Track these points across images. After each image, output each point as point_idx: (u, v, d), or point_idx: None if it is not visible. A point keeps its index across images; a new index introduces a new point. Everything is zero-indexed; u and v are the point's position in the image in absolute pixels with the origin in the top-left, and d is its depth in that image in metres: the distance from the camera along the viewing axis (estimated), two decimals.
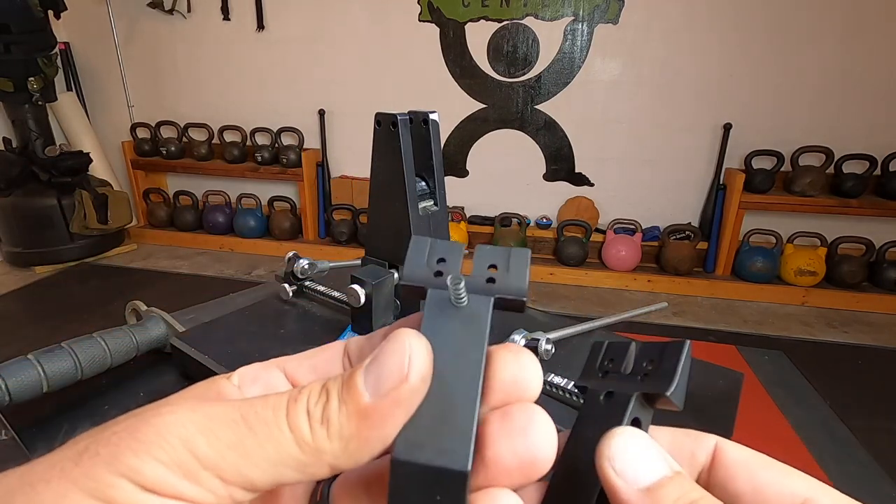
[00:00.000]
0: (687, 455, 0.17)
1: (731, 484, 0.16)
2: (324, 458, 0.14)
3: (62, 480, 0.13)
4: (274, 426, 0.14)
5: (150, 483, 0.13)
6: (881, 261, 2.41)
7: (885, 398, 1.76)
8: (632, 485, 0.15)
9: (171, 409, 0.14)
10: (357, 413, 0.14)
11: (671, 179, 2.71)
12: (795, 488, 0.15)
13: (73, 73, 3.17)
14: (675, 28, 2.46)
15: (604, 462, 0.15)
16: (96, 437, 0.14)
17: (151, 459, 0.13)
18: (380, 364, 0.14)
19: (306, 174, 2.95)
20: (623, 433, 0.15)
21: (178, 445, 0.13)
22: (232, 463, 0.13)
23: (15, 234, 2.69)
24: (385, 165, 0.56)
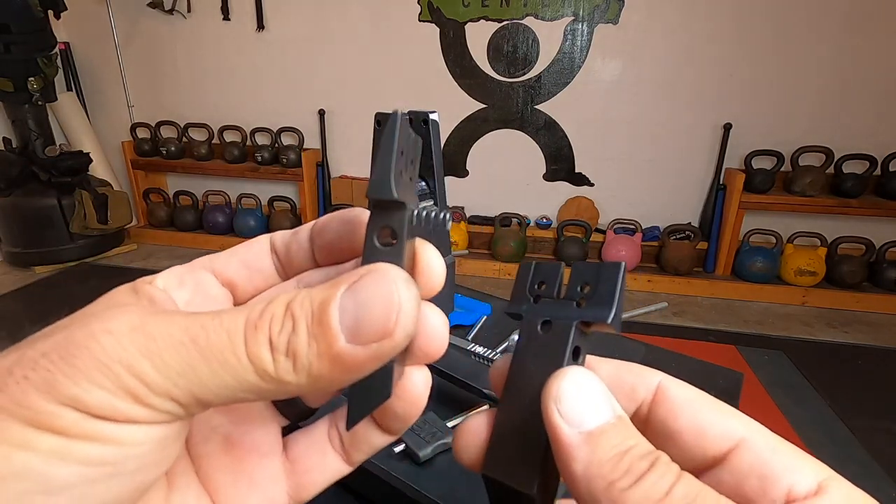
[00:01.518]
0: (627, 389, 0.17)
1: (673, 421, 0.16)
2: (287, 388, 0.13)
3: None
4: (230, 354, 0.13)
5: (96, 410, 0.12)
6: (881, 261, 2.41)
7: (885, 398, 1.76)
8: (575, 428, 0.15)
9: (105, 329, 0.13)
10: (329, 355, 0.13)
11: (671, 179, 2.71)
12: (733, 428, 0.15)
13: (73, 73, 3.17)
14: (675, 28, 2.46)
15: (549, 403, 0.15)
16: (18, 359, 0.12)
17: (93, 387, 0.12)
18: (360, 304, 0.13)
19: (306, 174, 2.95)
20: (571, 375, 0.15)
21: (122, 371, 0.12)
22: (184, 387, 0.13)
23: (15, 234, 2.69)
24: None
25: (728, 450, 0.15)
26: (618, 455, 0.14)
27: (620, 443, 0.14)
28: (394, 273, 0.14)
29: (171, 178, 3.37)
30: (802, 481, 0.14)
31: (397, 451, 0.47)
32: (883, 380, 1.87)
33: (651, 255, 2.72)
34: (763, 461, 0.15)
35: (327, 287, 0.14)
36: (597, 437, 0.14)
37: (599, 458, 0.14)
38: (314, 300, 0.13)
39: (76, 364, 0.12)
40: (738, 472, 0.15)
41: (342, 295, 0.13)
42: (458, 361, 0.55)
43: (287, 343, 0.13)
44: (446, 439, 0.47)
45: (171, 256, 2.97)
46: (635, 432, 0.15)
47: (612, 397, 0.15)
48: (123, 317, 0.13)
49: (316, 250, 0.19)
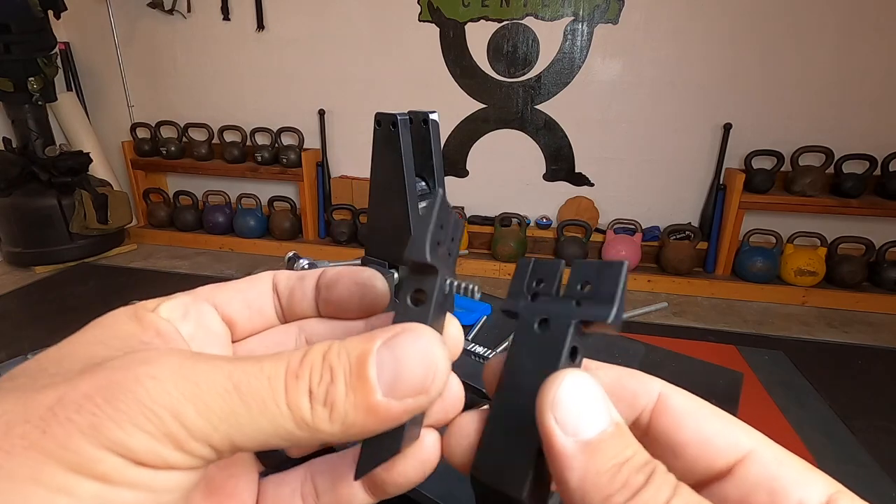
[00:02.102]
0: (628, 396, 0.17)
1: (676, 433, 0.16)
2: (320, 436, 0.14)
3: (30, 452, 0.11)
4: (271, 402, 0.13)
5: (139, 455, 0.12)
6: (881, 261, 2.41)
7: (885, 398, 1.76)
8: (571, 436, 0.14)
9: (150, 374, 0.13)
10: (366, 407, 0.14)
11: (671, 179, 2.71)
12: (739, 440, 0.15)
13: (73, 73, 3.17)
14: (674, 28, 2.46)
15: (545, 409, 0.15)
16: (60, 399, 0.12)
17: (138, 432, 0.12)
18: (398, 360, 0.14)
19: (306, 174, 2.95)
20: (569, 379, 0.15)
21: (167, 416, 0.12)
22: (223, 433, 0.13)
23: (15, 234, 2.69)
24: (385, 165, 0.56)
25: (734, 462, 0.15)
26: (615, 466, 0.14)
27: (618, 453, 0.14)
28: (431, 333, 0.15)
29: (171, 178, 3.37)
30: (812, 496, 0.14)
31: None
32: (883, 380, 1.87)
33: (651, 255, 2.72)
34: (771, 475, 0.14)
35: (363, 340, 0.14)
36: (594, 447, 0.14)
37: (596, 470, 0.14)
38: (351, 353, 0.14)
39: (121, 408, 0.12)
40: (744, 485, 0.15)
41: (378, 349, 0.14)
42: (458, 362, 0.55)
43: (326, 393, 0.13)
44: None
45: (171, 256, 2.97)
46: (632, 441, 0.15)
47: (609, 403, 0.15)
48: (166, 360, 0.13)
49: (321, 303, 0.20)
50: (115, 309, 0.17)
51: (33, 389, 0.13)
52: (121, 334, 0.15)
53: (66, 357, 0.14)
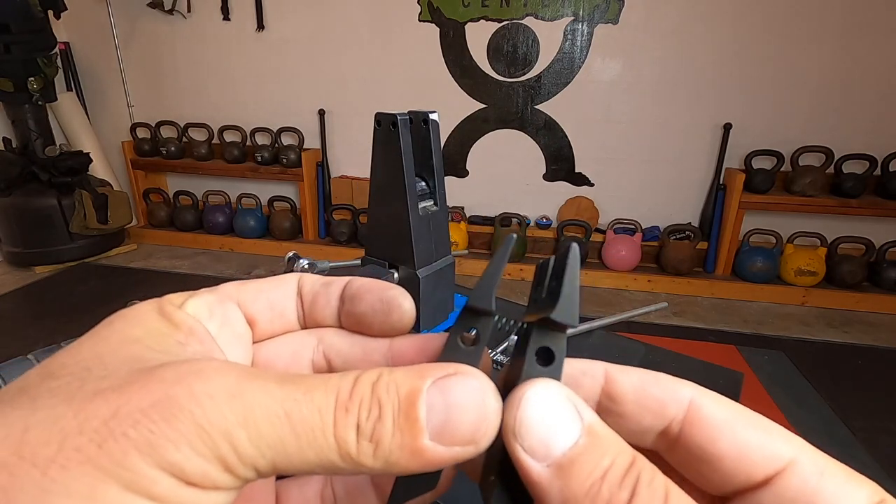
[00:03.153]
0: (655, 406, 0.15)
1: (711, 445, 0.15)
2: (360, 469, 0.13)
3: (86, 467, 0.11)
4: (320, 433, 0.13)
5: (190, 477, 0.12)
6: (881, 261, 2.41)
7: (885, 398, 1.76)
8: (542, 461, 0.13)
9: (207, 393, 0.13)
10: (411, 449, 0.13)
11: (671, 179, 2.71)
12: (780, 450, 0.14)
13: (73, 73, 3.17)
14: (674, 28, 2.46)
15: (509, 438, 0.14)
16: (118, 410, 0.12)
17: (194, 454, 0.12)
18: (450, 406, 0.14)
19: (306, 174, 2.95)
20: (527, 397, 0.14)
21: (220, 439, 0.12)
22: (270, 459, 0.13)
23: (15, 234, 2.69)
24: (385, 165, 0.56)
25: (773, 474, 0.14)
26: (594, 485, 0.13)
27: (594, 468, 0.13)
28: (485, 381, 0.14)
29: (171, 178, 3.37)
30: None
31: None
32: (883, 380, 1.87)
33: (651, 255, 2.72)
34: (811, 488, 0.14)
35: (413, 376, 0.14)
36: (566, 467, 0.13)
37: (574, 493, 0.13)
38: (401, 388, 0.14)
39: (179, 427, 0.12)
40: (782, 498, 0.14)
41: (429, 389, 0.14)
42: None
43: (373, 429, 0.13)
44: None
45: (171, 256, 2.97)
46: (610, 445, 0.14)
47: (577, 406, 0.14)
48: (221, 378, 0.13)
49: (343, 315, 0.19)
50: (114, 309, 0.16)
51: (83, 395, 0.12)
52: (154, 332, 0.15)
53: (107, 356, 0.14)
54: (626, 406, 0.16)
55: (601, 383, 0.16)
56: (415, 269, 0.58)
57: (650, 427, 0.15)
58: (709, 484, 0.14)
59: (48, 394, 0.12)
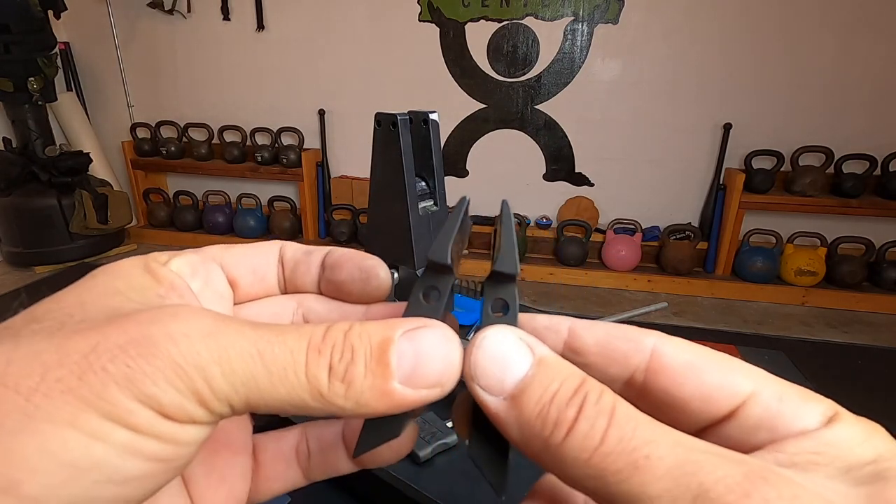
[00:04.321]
0: (619, 357, 0.16)
1: (676, 390, 0.15)
2: (329, 409, 0.14)
3: (67, 396, 0.12)
4: (291, 371, 0.14)
5: (167, 410, 0.13)
6: (881, 261, 2.41)
7: (885, 398, 1.76)
8: (498, 396, 0.15)
9: (183, 332, 0.13)
10: (382, 391, 0.14)
11: (671, 179, 2.71)
12: (740, 384, 0.15)
13: (73, 73, 3.17)
14: (675, 28, 2.46)
15: (469, 381, 0.15)
16: (94, 347, 0.12)
17: (169, 388, 0.13)
18: (419, 353, 0.15)
19: (306, 174, 2.95)
20: (479, 342, 0.15)
21: (195, 375, 0.13)
22: (243, 395, 0.13)
23: (15, 234, 2.69)
24: (385, 165, 0.56)
25: (736, 406, 0.15)
26: (543, 409, 0.14)
27: (543, 393, 0.14)
28: (450, 333, 0.15)
29: (171, 178, 3.37)
30: (811, 421, 0.14)
31: None
32: (883, 380, 1.87)
33: (651, 255, 2.72)
34: (771, 413, 0.15)
35: (384, 327, 0.15)
36: (519, 397, 0.14)
37: (527, 418, 0.14)
38: (373, 337, 0.15)
39: (155, 363, 0.12)
40: (746, 427, 0.15)
41: (399, 339, 0.15)
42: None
43: (345, 371, 0.14)
44: (446, 439, 0.48)
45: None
46: (559, 371, 0.15)
47: (527, 342, 0.15)
48: (196, 319, 0.14)
49: (323, 281, 0.20)
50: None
51: (63, 334, 0.13)
52: (136, 286, 0.16)
53: (88, 304, 0.14)
54: (590, 357, 0.17)
55: (564, 337, 0.17)
56: (415, 268, 0.58)
57: (616, 376, 0.16)
58: (678, 424, 0.14)
59: (30, 333, 0.13)
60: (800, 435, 0.14)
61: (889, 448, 0.14)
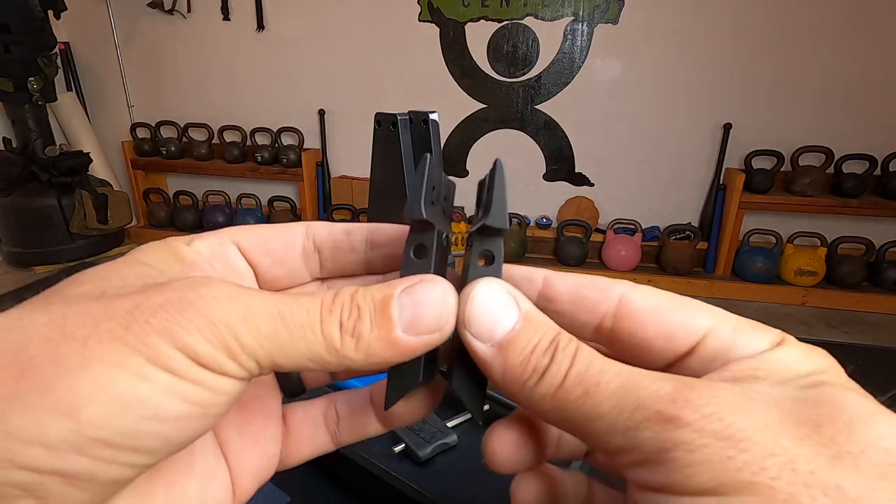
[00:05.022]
0: (588, 305, 0.18)
1: (641, 332, 0.17)
2: (344, 362, 0.16)
3: (115, 343, 0.14)
4: (308, 329, 0.16)
5: (202, 358, 0.14)
6: (881, 261, 2.41)
7: (886, 398, 1.76)
8: (487, 342, 0.17)
9: (212, 294, 0.15)
10: (387, 340, 0.16)
11: (671, 179, 2.71)
12: (698, 322, 0.17)
13: (73, 73, 3.17)
14: (675, 28, 2.46)
15: (461, 327, 0.17)
16: (138, 305, 0.14)
17: (202, 340, 0.14)
18: (417, 303, 0.17)
19: (306, 174, 2.95)
20: (473, 293, 0.17)
21: (225, 331, 0.15)
22: (267, 351, 0.15)
23: (15, 234, 2.69)
24: (385, 165, 0.56)
25: (696, 342, 0.17)
26: (525, 357, 0.16)
27: (526, 344, 0.16)
28: (445, 283, 0.17)
29: (171, 178, 3.37)
30: (759, 348, 0.16)
31: (397, 451, 0.47)
32: (883, 380, 1.87)
33: (651, 255, 2.72)
34: (725, 345, 0.16)
35: (384, 287, 0.17)
36: (506, 346, 0.16)
37: (511, 365, 0.16)
38: (375, 296, 0.17)
39: (190, 318, 0.14)
40: (705, 359, 0.16)
41: (399, 294, 0.17)
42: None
43: (354, 326, 0.16)
44: (446, 439, 0.48)
45: None
46: (541, 326, 0.17)
47: (516, 298, 0.17)
48: (223, 285, 0.15)
49: (374, 259, 0.21)
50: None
51: (108, 297, 0.15)
52: (164, 265, 0.17)
53: (124, 276, 0.16)
54: (561, 305, 0.18)
55: (538, 287, 0.19)
56: None
57: (586, 322, 0.18)
58: (645, 362, 0.16)
59: (77, 297, 0.15)
60: (747, 358, 0.16)
61: (825, 364, 0.16)
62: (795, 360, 0.16)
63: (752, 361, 0.16)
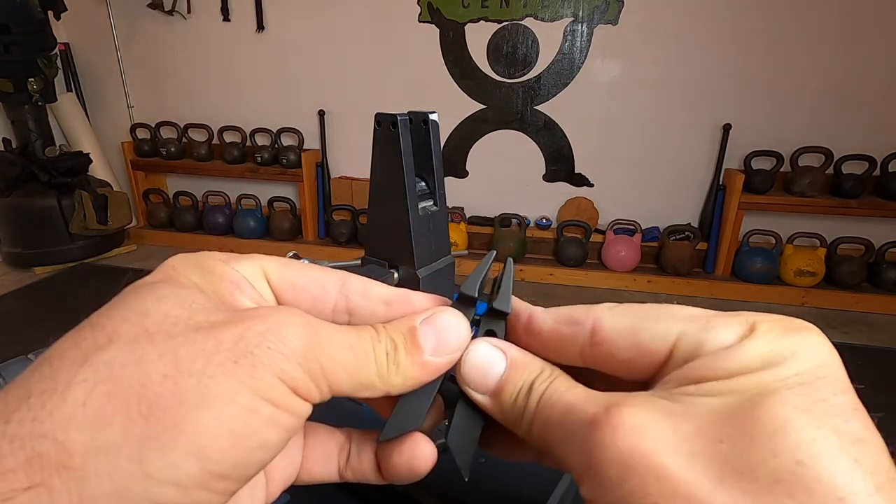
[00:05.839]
0: (567, 338, 0.19)
1: (617, 354, 0.18)
2: (387, 386, 0.19)
3: (227, 377, 0.15)
4: (371, 359, 0.18)
5: (296, 386, 0.16)
6: (881, 261, 2.41)
7: (885, 398, 1.76)
8: (485, 394, 0.20)
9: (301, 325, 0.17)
10: (419, 364, 0.19)
11: (671, 180, 2.71)
12: (668, 331, 0.17)
13: (73, 74, 3.17)
14: (674, 28, 2.47)
15: (462, 385, 0.20)
16: (242, 335, 0.15)
17: (300, 368, 0.16)
18: (438, 331, 0.19)
19: (306, 175, 2.95)
20: (466, 356, 0.20)
21: (314, 360, 0.16)
22: (339, 378, 0.17)
23: (15, 234, 2.69)
24: (385, 166, 0.56)
25: (669, 350, 0.17)
26: (515, 399, 0.19)
27: (514, 387, 0.19)
28: (456, 311, 0.20)
29: (171, 178, 3.37)
30: (729, 337, 0.16)
31: None
32: (883, 380, 1.87)
33: (651, 255, 2.72)
34: (695, 346, 0.17)
35: (406, 321, 0.20)
36: (498, 394, 0.20)
37: (504, 410, 0.19)
38: (402, 328, 0.19)
39: (289, 347, 0.16)
40: (678, 364, 0.17)
41: (422, 325, 0.19)
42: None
43: (395, 355, 0.19)
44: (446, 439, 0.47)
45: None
46: (524, 367, 0.20)
47: (503, 348, 0.20)
48: (304, 317, 0.17)
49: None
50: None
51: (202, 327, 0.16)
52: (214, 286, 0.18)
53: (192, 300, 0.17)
54: (545, 340, 0.20)
55: (524, 324, 0.21)
56: (415, 269, 0.58)
57: (570, 350, 0.19)
58: (630, 378, 0.18)
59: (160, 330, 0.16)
60: (702, 357, 0.16)
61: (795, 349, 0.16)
62: (756, 353, 0.16)
63: (703, 361, 0.16)
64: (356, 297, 0.21)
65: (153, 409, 0.14)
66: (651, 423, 0.15)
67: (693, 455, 0.14)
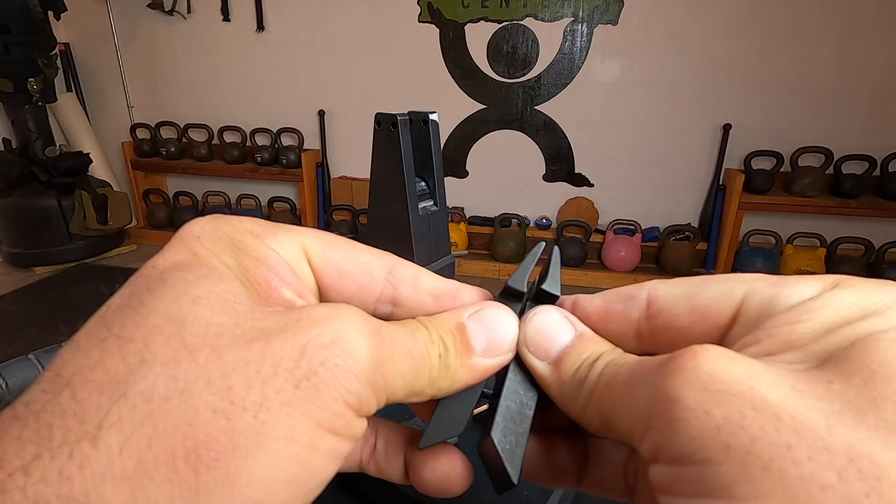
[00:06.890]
0: (619, 316, 0.18)
1: (676, 322, 0.17)
2: (435, 391, 0.17)
3: (286, 408, 0.13)
4: (426, 364, 0.16)
5: (360, 406, 0.14)
6: (881, 261, 2.41)
7: None
8: (543, 360, 0.18)
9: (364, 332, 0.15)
10: (470, 366, 0.17)
11: (671, 180, 2.71)
12: (731, 291, 0.16)
13: (73, 74, 3.17)
14: (674, 29, 2.47)
15: (521, 348, 0.18)
16: (304, 350, 0.13)
17: (368, 386, 0.14)
18: (489, 329, 0.18)
19: (306, 175, 2.95)
20: (532, 318, 0.18)
21: (378, 374, 0.14)
22: (397, 387, 0.15)
23: (15, 234, 2.69)
24: (385, 166, 0.56)
25: (734, 311, 0.15)
26: (575, 371, 0.17)
27: (577, 359, 0.17)
28: (505, 308, 0.19)
29: (171, 178, 3.37)
30: (807, 295, 0.14)
31: None
32: None
33: (651, 255, 2.72)
34: (766, 302, 0.15)
35: (452, 315, 0.18)
36: (560, 362, 0.18)
37: (563, 381, 0.17)
38: (451, 327, 0.17)
39: (352, 365, 0.14)
40: (748, 324, 0.15)
41: (468, 321, 0.18)
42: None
43: (445, 357, 0.17)
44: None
45: None
46: (590, 343, 0.18)
47: (570, 321, 0.18)
48: (364, 319, 0.15)
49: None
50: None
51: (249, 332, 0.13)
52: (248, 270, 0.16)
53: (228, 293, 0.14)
54: (594, 324, 0.19)
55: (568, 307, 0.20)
56: None
57: (623, 333, 0.18)
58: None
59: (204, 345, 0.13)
60: (784, 311, 0.14)
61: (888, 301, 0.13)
62: (845, 303, 0.13)
63: (787, 314, 0.14)
64: (405, 287, 0.19)
65: (202, 457, 0.12)
66: (741, 358, 0.13)
67: (798, 391, 0.12)
